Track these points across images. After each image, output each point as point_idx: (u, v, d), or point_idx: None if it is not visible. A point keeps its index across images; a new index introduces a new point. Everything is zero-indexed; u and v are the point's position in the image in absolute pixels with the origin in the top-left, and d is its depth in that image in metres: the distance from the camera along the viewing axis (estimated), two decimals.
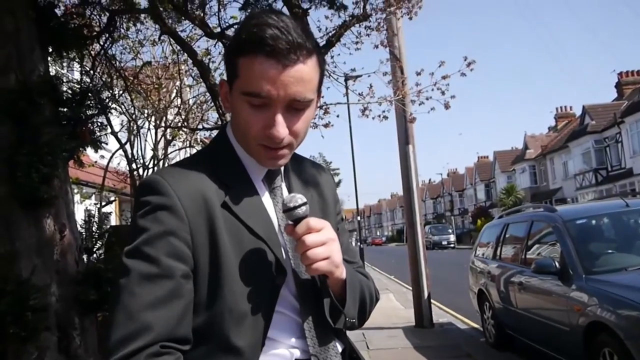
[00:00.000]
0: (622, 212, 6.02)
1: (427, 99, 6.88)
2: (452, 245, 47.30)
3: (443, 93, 6.75)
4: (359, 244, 23.62)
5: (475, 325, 8.97)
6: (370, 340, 8.09)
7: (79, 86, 3.21)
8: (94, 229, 3.61)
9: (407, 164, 9.45)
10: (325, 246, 1.22)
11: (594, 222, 6.19)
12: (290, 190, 1.38)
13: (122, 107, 8.42)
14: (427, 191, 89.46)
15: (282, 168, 1.39)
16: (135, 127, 9.03)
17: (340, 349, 1.37)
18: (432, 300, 9.39)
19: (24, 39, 2.92)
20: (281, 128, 1.21)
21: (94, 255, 3.49)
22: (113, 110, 9.09)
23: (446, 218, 75.48)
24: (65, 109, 3.03)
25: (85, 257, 3.40)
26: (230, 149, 1.33)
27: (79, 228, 3.47)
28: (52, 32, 2.97)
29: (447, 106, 6.76)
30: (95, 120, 3.19)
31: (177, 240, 1.17)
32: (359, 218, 26.91)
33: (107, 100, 6.75)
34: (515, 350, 6.83)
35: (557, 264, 5.37)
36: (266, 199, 1.33)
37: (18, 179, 2.70)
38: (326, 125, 6.76)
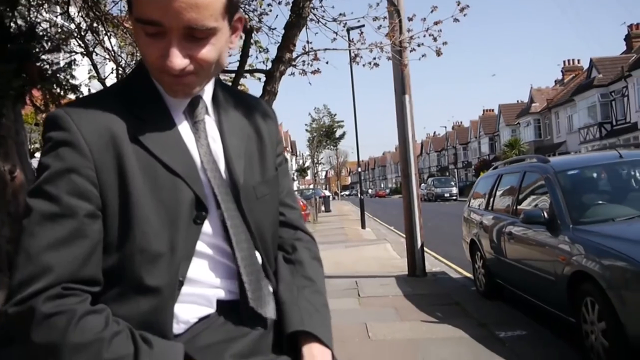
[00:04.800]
0: (615, 163, 5.89)
1: (418, 45, 6.67)
2: (454, 198, 47.41)
3: (435, 39, 6.55)
4: (359, 195, 23.83)
5: (468, 275, 9.00)
6: (362, 288, 8.16)
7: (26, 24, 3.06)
8: None
9: (404, 114, 9.20)
10: None
11: (586, 173, 6.08)
12: (220, 124, 1.28)
13: (108, 52, 8.23)
14: (432, 144, 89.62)
15: (210, 101, 1.28)
16: (123, 73, 8.87)
17: (271, 289, 1.30)
18: (427, 250, 9.39)
19: None
20: (176, 59, 1.09)
21: None
22: (101, 56, 8.94)
23: (450, 171, 75.64)
24: (11, 45, 2.90)
25: None
26: (147, 81, 1.21)
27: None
28: None
29: (438, 53, 6.54)
30: (47, 58, 3.05)
31: (80, 178, 1.08)
32: (359, 169, 27.07)
33: (93, 44, 6.63)
34: (504, 299, 6.84)
35: (545, 214, 5.30)
36: (187, 133, 1.21)
37: None
38: (314, 72, 6.58)
